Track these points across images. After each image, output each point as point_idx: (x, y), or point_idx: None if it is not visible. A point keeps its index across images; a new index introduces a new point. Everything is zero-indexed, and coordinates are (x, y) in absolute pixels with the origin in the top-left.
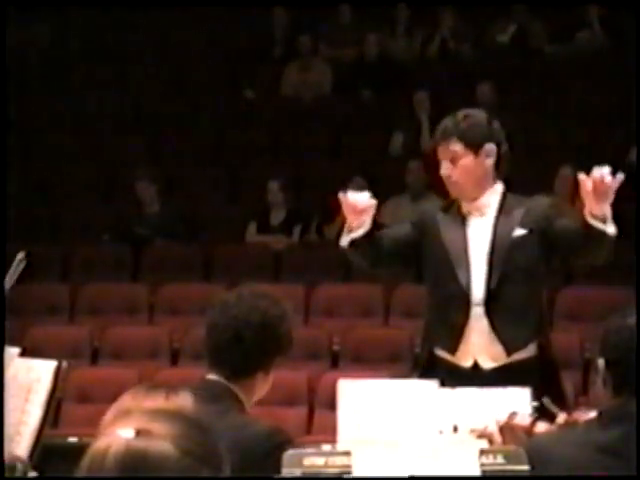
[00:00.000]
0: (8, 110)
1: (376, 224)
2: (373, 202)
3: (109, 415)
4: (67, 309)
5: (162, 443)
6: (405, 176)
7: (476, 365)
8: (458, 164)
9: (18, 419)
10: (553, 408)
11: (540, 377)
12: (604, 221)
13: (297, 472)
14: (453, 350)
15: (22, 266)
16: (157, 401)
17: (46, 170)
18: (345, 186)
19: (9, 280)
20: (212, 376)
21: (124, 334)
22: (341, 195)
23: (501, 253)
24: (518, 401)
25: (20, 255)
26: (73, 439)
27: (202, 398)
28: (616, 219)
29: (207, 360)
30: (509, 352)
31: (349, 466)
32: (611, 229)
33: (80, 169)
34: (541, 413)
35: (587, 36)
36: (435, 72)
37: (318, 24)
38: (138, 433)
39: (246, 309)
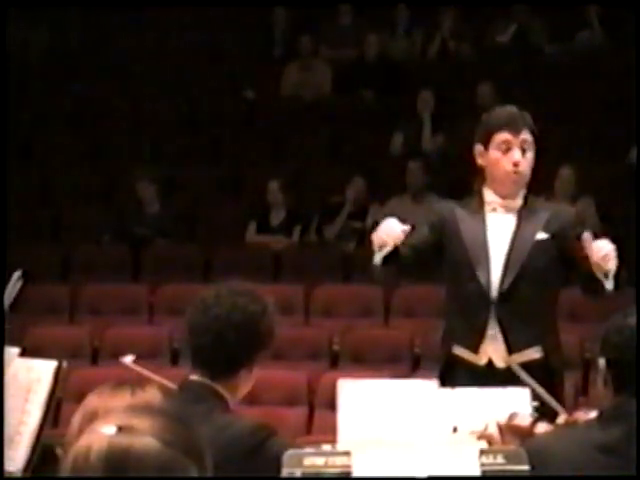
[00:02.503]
0: (8, 110)
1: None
2: (407, 230)
3: (77, 415)
4: (67, 309)
5: (144, 437)
6: (405, 176)
7: (490, 363)
8: (526, 155)
9: (18, 419)
10: (526, 377)
11: (540, 382)
12: (607, 275)
13: (297, 472)
14: (475, 349)
15: (20, 285)
16: (124, 398)
17: (46, 170)
18: (345, 186)
19: (8, 298)
20: (195, 377)
21: (124, 334)
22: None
23: (520, 254)
24: (518, 401)
25: (17, 274)
26: None
27: (186, 399)
28: (616, 219)
29: (190, 360)
30: (510, 352)
31: (349, 466)
32: (609, 285)
33: (80, 169)
34: (541, 413)
35: (587, 36)
36: (435, 72)
37: (318, 24)
38: (120, 429)
39: (226, 309)
